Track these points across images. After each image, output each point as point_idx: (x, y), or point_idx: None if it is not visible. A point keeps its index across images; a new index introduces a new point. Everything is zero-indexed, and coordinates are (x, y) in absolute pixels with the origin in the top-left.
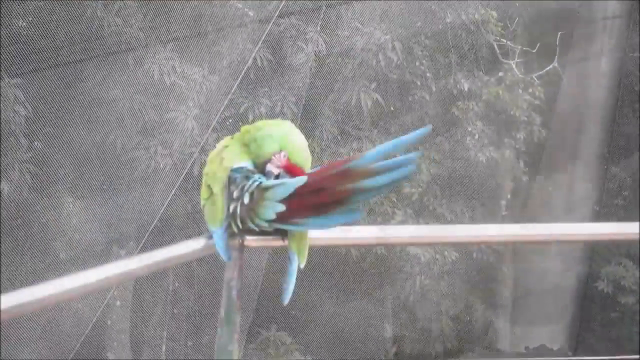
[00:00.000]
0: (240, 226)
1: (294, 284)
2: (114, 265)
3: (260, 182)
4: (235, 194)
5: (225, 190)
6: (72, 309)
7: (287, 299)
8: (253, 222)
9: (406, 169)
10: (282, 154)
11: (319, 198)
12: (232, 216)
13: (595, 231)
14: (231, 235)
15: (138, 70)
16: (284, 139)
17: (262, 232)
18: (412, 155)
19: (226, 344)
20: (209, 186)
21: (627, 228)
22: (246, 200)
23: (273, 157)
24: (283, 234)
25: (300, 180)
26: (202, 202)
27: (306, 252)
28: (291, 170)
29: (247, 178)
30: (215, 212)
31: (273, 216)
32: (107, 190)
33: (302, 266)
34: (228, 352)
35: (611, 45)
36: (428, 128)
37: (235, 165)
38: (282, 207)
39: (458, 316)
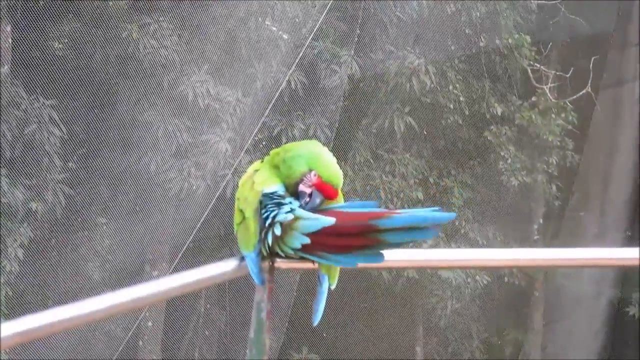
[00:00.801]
0: (269, 250)
1: (324, 305)
2: (144, 286)
3: (293, 211)
4: (267, 222)
5: (257, 215)
6: (105, 329)
7: (317, 319)
8: (280, 248)
9: (429, 232)
10: (312, 173)
11: (343, 241)
12: (262, 241)
13: (628, 256)
14: (262, 257)
15: (172, 92)
16: (313, 158)
17: (291, 257)
18: (440, 217)
19: None
20: (241, 210)
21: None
22: (277, 231)
23: (304, 178)
24: None
25: (328, 221)
26: (235, 227)
27: (337, 274)
28: (322, 188)
29: (279, 205)
30: (248, 237)
31: (298, 246)
32: (140, 212)
33: (332, 287)
34: None
35: None
36: (453, 215)
37: (267, 190)
38: (307, 240)
39: (489, 340)
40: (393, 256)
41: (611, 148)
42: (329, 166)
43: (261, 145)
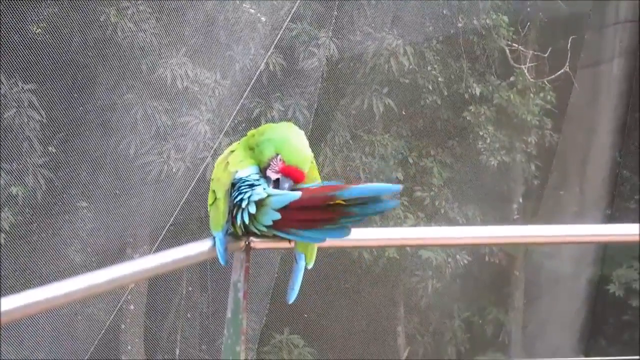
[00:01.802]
0: (244, 229)
1: (299, 284)
2: (123, 266)
3: (266, 192)
4: (243, 204)
5: (228, 196)
6: (86, 312)
7: (292, 297)
8: (254, 227)
9: (390, 204)
10: (278, 157)
11: (310, 214)
12: (231, 221)
13: (607, 232)
14: (236, 237)
15: (151, 75)
16: (280, 142)
17: (266, 236)
18: (393, 187)
19: (233, 345)
20: (213, 191)
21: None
22: (252, 209)
23: (271, 163)
24: None
25: (295, 195)
26: (208, 208)
27: (314, 253)
28: (288, 172)
29: (252, 187)
30: (217, 217)
31: (270, 222)
32: (121, 195)
33: (309, 267)
34: (235, 353)
35: (622, 49)
36: (398, 187)
37: (240, 171)
38: (278, 215)
39: (470, 319)
40: (374, 235)
41: (589, 127)
42: (295, 150)
43: (240, 128)
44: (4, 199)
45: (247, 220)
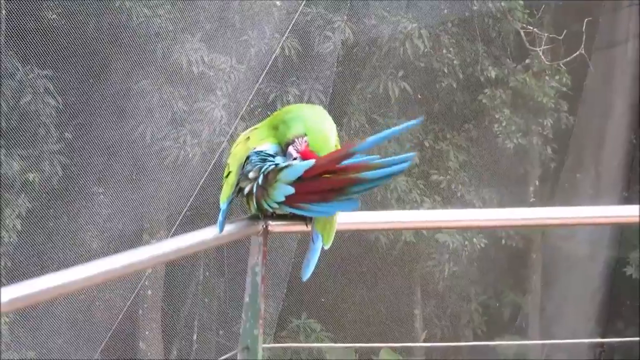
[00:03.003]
0: (261, 212)
1: (315, 262)
2: (139, 251)
3: (276, 165)
4: (251, 175)
5: (240, 169)
6: (104, 298)
7: (307, 275)
8: (267, 204)
9: (402, 165)
10: (304, 139)
11: (321, 184)
12: (247, 197)
13: (624, 213)
14: (253, 220)
15: (167, 61)
16: (309, 124)
17: (284, 217)
18: (408, 155)
19: (251, 329)
20: (228, 165)
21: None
22: (260, 181)
23: (295, 140)
24: (307, 218)
25: (308, 163)
26: (223, 181)
27: (332, 234)
28: (306, 157)
29: (264, 160)
30: (227, 189)
31: (282, 198)
32: (137, 180)
33: (326, 247)
34: (254, 337)
35: (636, 31)
36: (419, 120)
37: (259, 147)
38: (291, 190)
39: (487, 302)
40: (390, 217)
41: (605, 109)
42: (322, 137)
43: (256, 112)
44: (20, 185)
45: (255, 191)
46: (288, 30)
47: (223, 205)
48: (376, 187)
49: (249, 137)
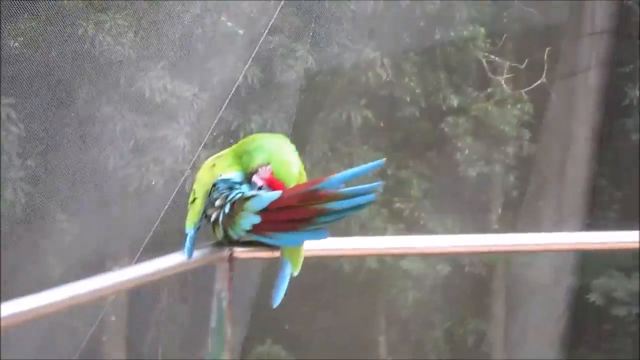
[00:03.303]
0: (227, 238)
1: (284, 289)
2: (105, 277)
3: (242, 193)
4: (217, 202)
5: (206, 196)
6: (67, 325)
7: (277, 301)
8: (233, 232)
9: (368, 197)
10: (268, 167)
11: (288, 214)
12: (214, 224)
13: (586, 240)
14: (218, 246)
15: (129, 89)
16: (273, 152)
17: (250, 243)
18: (375, 184)
19: (217, 354)
20: (194, 191)
21: (618, 237)
22: (227, 209)
23: (259, 169)
24: (274, 245)
25: (275, 195)
26: (187, 207)
27: (300, 260)
28: (272, 184)
29: (231, 189)
30: (193, 215)
31: (249, 227)
32: (100, 208)
33: (295, 274)
34: None
35: (598, 60)
36: (382, 161)
37: (224, 175)
38: (257, 219)
39: (451, 329)
40: (355, 244)
41: (567, 137)
42: (286, 164)
43: (219, 140)
44: None
45: (221, 219)
46: (251, 58)
47: (190, 230)
48: (344, 218)
49: (214, 164)
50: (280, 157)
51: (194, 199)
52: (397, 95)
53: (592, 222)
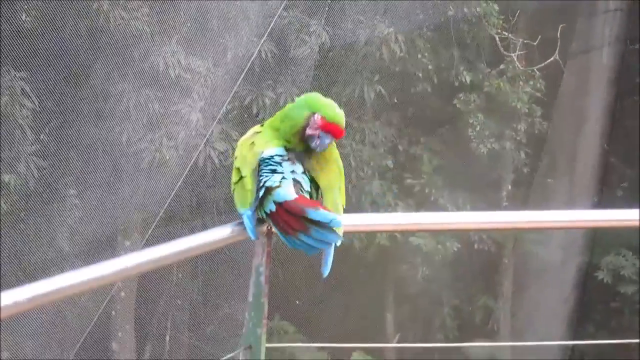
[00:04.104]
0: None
1: (332, 259)
2: (141, 253)
3: (282, 180)
4: (266, 184)
5: (255, 175)
6: (77, 301)
7: (326, 272)
8: (261, 211)
9: (324, 245)
10: (316, 115)
11: (288, 218)
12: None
13: (595, 218)
14: (259, 221)
15: (144, 64)
16: (313, 102)
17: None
18: (332, 237)
19: (255, 328)
20: (238, 169)
21: (626, 215)
22: (261, 193)
23: (309, 122)
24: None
25: (291, 196)
26: (232, 187)
27: (341, 231)
28: (328, 128)
29: (274, 172)
30: (245, 195)
31: (267, 212)
32: (113, 183)
33: (338, 244)
34: (257, 336)
35: (612, 38)
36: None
37: (266, 152)
38: (273, 207)
39: (459, 306)
40: (365, 220)
41: (579, 115)
42: (331, 107)
43: (232, 115)
44: None
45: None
46: (266, 33)
47: (246, 211)
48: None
49: (253, 141)
50: (324, 103)
51: (240, 178)
52: (410, 71)
53: (602, 200)
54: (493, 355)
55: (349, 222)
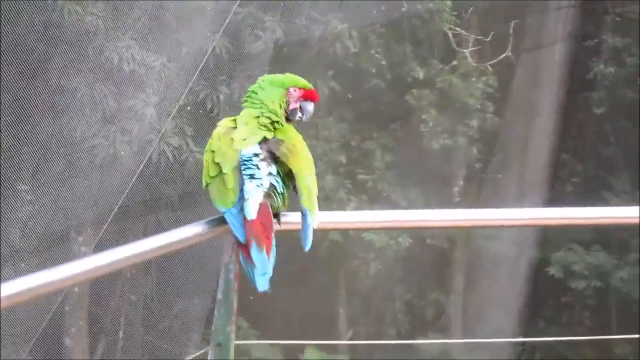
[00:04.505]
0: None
1: (311, 235)
2: (118, 250)
3: (259, 187)
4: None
5: (238, 173)
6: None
7: (307, 246)
8: None
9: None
10: (292, 89)
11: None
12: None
13: (546, 215)
14: (223, 220)
15: (98, 59)
16: (284, 79)
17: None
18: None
19: (224, 325)
20: (217, 164)
21: (576, 213)
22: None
23: (289, 98)
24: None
25: (250, 216)
26: (206, 181)
27: (316, 211)
28: (308, 96)
29: (252, 176)
30: (226, 193)
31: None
32: (67, 178)
33: (314, 226)
34: (226, 334)
35: (564, 35)
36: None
37: (245, 151)
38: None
39: (411, 301)
40: (321, 218)
41: (531, 111)
42: (295, 76)
43: (186, 110)
44: None
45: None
46: (222, 29)
47: (231, 209)
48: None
49: (232, 137)
50: (292, 76)
51: (219, 173)
52: (364, 67)
53: (552, 196)
54: (445, 350)
55: (322, 219)
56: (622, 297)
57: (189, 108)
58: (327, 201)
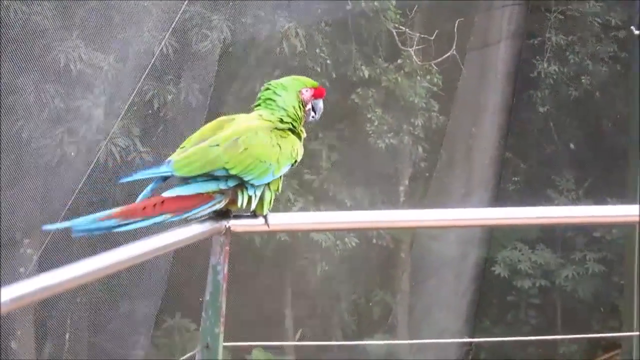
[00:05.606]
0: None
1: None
2: (117, 252)
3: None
4: None
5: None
6: None
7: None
8: None
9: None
10: (304, 90)
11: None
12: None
13: (491, 216)
14: (216, 219)
15: (45, 58)
16: (290, 84)
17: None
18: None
19: (212, 327)
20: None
21: (520, 213)
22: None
23: (304, 99)
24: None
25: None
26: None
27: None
28: (317, 94)
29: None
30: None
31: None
32: (14, 180)
33: (177, 173)
34: (214, 335)
35: (509, 33)
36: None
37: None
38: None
39: (358, 301)
40: (270, 220)
41: (477, 109)
42: (301, 77)
43: (133, 110)
44: None
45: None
46: (170, 28)
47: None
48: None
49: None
50: (298, 79)
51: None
52: (309, 65)
53: (498, 194)
54: (392, 351)
55: (279, 221)
56: (567, 296)
57: (135, 108)
58: (273, 201)
